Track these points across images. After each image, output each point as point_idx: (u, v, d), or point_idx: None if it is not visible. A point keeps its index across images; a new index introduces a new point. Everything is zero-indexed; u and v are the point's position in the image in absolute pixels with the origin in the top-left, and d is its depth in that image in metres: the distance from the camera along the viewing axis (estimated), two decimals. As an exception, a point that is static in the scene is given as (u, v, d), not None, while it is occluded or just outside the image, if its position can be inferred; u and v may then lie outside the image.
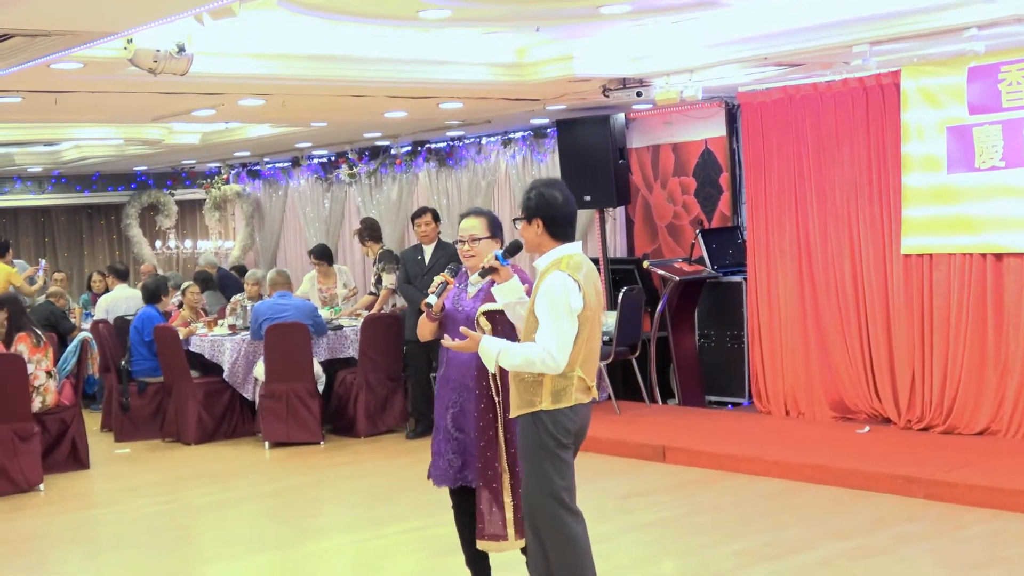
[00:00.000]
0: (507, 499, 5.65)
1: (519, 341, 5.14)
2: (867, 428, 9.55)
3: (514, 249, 5.22)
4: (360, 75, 8.87)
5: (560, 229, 5.05)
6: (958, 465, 8.10)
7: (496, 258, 5.20)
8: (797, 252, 10.24)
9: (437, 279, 5.67)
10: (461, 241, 5.63)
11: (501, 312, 5.45)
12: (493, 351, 5.01)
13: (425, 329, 5.79)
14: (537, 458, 5.03)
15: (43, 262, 15.22)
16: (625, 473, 8.88)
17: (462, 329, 5.17)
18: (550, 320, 4.89)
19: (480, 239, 5.57)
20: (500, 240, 5.68)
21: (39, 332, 9.87)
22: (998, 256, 8.92)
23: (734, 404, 11.09)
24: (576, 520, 5.07)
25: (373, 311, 11.44)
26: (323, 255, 12.39)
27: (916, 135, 9.25)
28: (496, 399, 5.57)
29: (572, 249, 5.06)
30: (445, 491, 5.92)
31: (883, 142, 9.56)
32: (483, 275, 5.29)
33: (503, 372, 5.32)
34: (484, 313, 5.51)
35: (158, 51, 6.91)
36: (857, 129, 9.72)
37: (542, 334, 4.89)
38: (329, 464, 10.03)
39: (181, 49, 6.99)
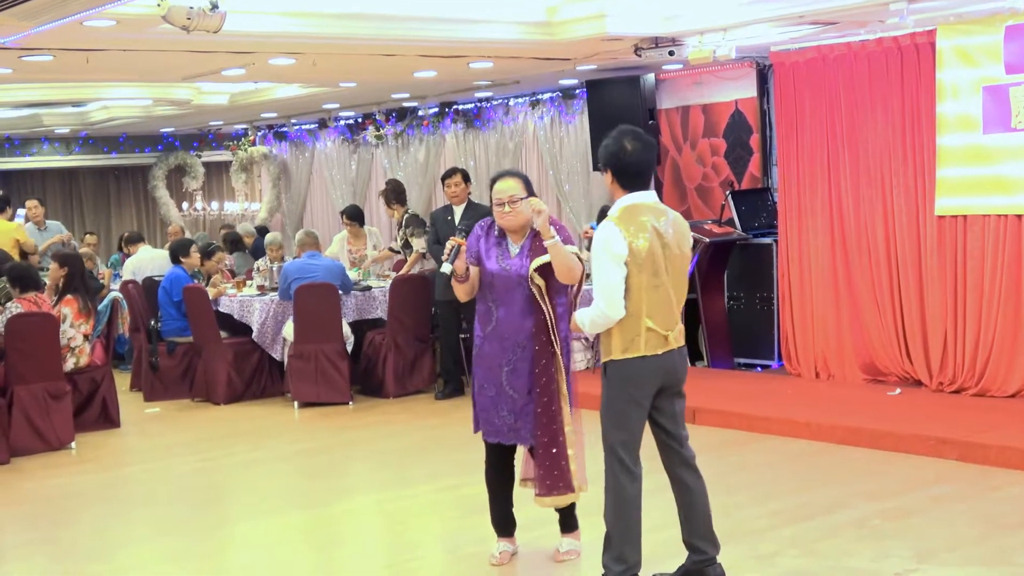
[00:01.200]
0: (571, 452, 5.75)
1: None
2: (898, 390, 9.51)
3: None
4: (392, 34, 8.83)
5: (627, 179, 5.15)
6: (991, 427, 8.06)
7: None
8: (829, 213, 10.17)
9: (448, 244, 5.73)
10: (500, 204, 5.65)
11: (549, 266, 5.57)
12: (577, 321, 5.27)
13: (460, 291, 5.85)
14: (604, 407, 5.20)
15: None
16: (655, 434, 8.86)
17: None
18: (595, 270, 5.10)
19: (519, 199, 5.63)
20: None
21: (89, 300, 9.87)
22: (1034, 217, 8.85)
23: (763, 366, 11.05)
24: (630, 478, 5.16)
25: (402, 273, 11.43)
26: (355, 216, 12.38)
27: (951, 95, 9.15)
28: (556, 351, 5.64)
29: (638, 198, 5.14)
30: (475, 451, 5.97)
31: (917, 102, 9.46)
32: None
33: (558, 326, 5.60)
34: (536, 269, 5.60)
35: (191, 8, 6.86)
36: (891, 89, 9.62)
37: (593, 287, 5.11)
38: (358, 424, 10.05)
39: (214, 6, 6.95)
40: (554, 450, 5.68)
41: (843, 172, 10.03)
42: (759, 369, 11.02)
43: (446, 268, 5.67)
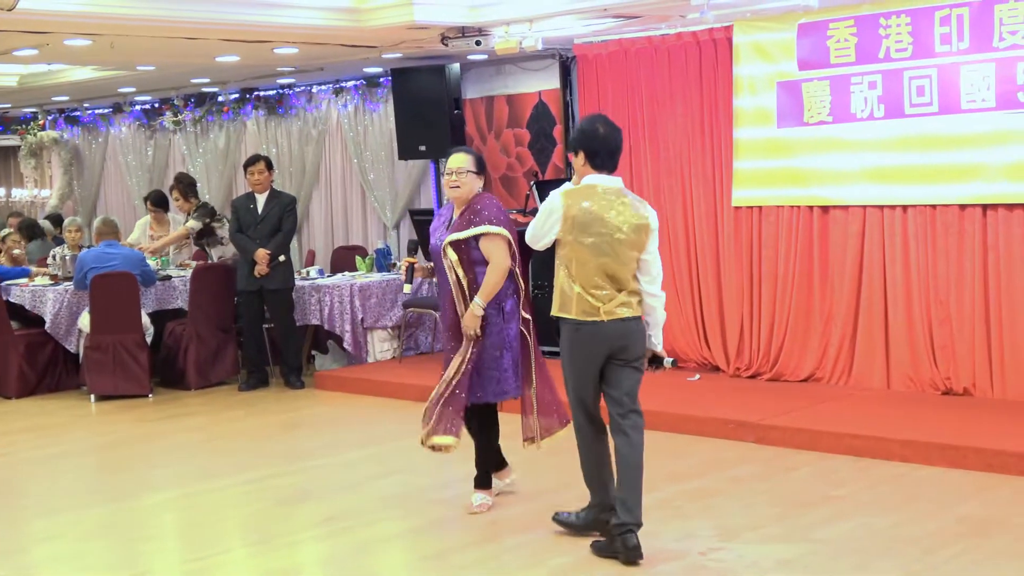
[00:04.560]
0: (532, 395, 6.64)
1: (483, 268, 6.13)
2: (697, 376, 9.78)
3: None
4: (195, 16, 8.63)
5: (599, 160, 5.51)
6: (786, 410, 8.36)
7: None
8: (631, 204, 10.36)
9: (401, 265, 6.22)
10: (449, 174, 6.12)
11: (465, 241, 6.00)
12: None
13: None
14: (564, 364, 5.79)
15: None
16: (463, 422, 8.89)
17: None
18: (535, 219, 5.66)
19: (467, 172, 6.11)
20: (484, 176, 6.24)
21: None
22: (824, 208, 9.20)
23: (567, 354, 11.18)
24: (595, 429, 5.83)
25: (168, 239, 11.39)
26: (159, 202, 12.07)
27: (748, 89, 9.45)
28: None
29: (601, 180, 5.54)
30: (280, 442, 6.05)
31: (715, 96, 9.74)
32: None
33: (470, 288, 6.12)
34: (450, 243, 6.04)
35: (-17, -16, 6.60)
36: (690, 83, 9.88)
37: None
38: (159, 417, 9.82)
39: (9, -17, 6.69)
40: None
41: (644, 163, 10.25)
42: (563, 357, 11.15)
43: (407, 288, 6.24)
